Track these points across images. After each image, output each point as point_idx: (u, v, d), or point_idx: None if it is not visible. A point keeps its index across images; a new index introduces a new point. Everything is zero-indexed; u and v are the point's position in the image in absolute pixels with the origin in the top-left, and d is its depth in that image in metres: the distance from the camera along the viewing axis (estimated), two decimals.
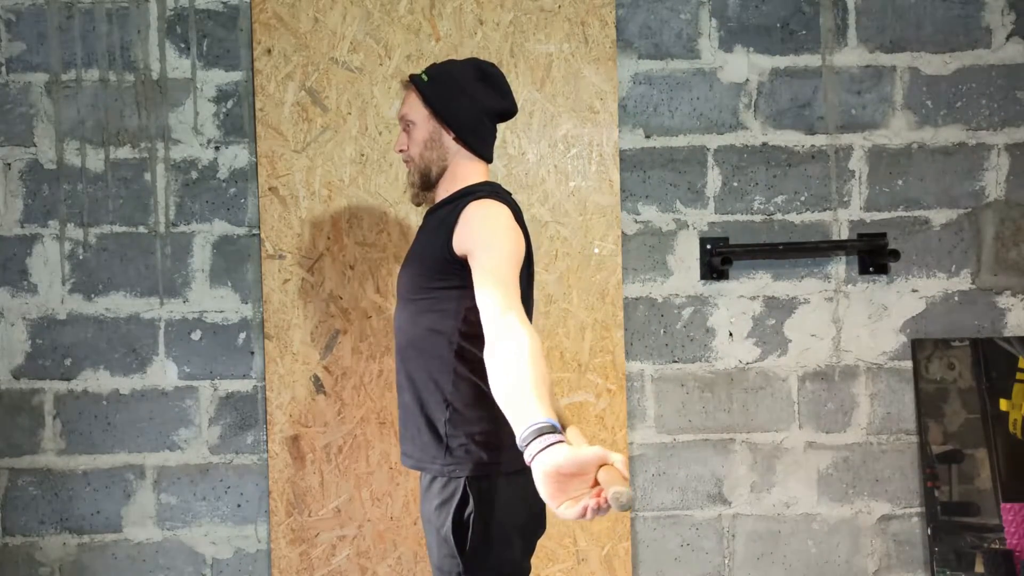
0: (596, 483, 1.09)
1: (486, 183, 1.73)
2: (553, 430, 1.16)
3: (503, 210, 1.62)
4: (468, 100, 1.69)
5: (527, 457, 1.16)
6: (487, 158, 1.76)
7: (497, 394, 1.30)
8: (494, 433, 1.61)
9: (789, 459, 2.45)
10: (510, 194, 1.77)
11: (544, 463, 1.10)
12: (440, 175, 1.74)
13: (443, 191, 1.74)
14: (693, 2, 2.44)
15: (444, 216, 1.67)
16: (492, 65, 1.75)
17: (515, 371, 1.27)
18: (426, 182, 1.75)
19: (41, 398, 2.42)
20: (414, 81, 1.74)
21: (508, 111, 1.76)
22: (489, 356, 1.34)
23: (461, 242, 1.59)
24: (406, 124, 1.75)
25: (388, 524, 2.38)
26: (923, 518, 2.45)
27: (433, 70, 1.74)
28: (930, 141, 2.45)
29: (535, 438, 1.15)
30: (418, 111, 1.72)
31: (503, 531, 1.60)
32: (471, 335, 1.61)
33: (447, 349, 1.61)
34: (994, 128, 2.45)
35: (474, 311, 1.57)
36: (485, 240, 1.55)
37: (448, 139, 1.71)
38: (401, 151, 1.77)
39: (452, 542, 1.58)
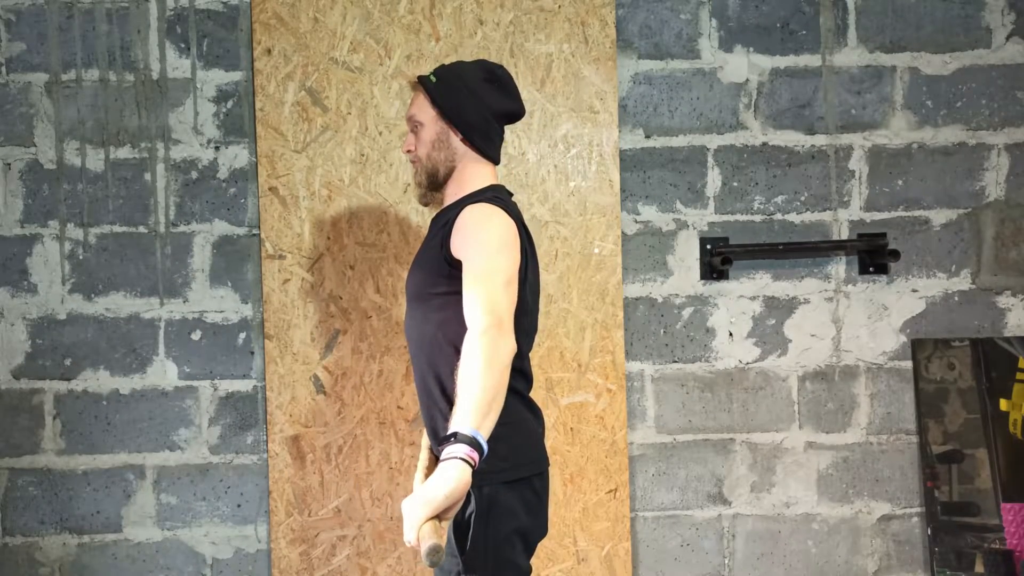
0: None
1: (490, 187, 1.74)
2: (475, 446, 1.35)
3: (498, 216, 1.62)
4: (476, 101, 1.70)
5: (443, 453, 1.35)
6: (495, 160, 1.77)
7: (459, 384, 1.43)
8: (498, 441, 1.58)
9: (789, 459, 2.45)
10: (511, 195, 1.77)
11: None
12: (448, 176, 1.74)
13: (451, 193, 1.75)
14: (693, 2, 2.44)
15: (445, 222, 1.68)
16: (500, 67, 1.76)
17: (478, 378, 1.40)
18: (433, 183, 1.75)
19: (41, 398, 2.42)
20: (422, 82, 1.74)
21: (516, 113, 1.77)
22: (466, 353, 1.45)
23: (455, 247, 1.61)
24: (414, 125, 1.75)
25: (388, 524, 2.37)
26: (923, 518, 2.45)
27: (441, 71, 1.74)
28: (930, 141, 2.45)
29: (453, 443, 1.35)
30: (426, 112, 1.73)
31: (504, 532, 1.60)
32: None
33: (453, 353, 1.61)
34: (994, 128, 2.45)
35: None
36: (475, 246, 1.57)
37: (456, 140, 1.72)
38: (408, 151, 1.78)
39: (452, 541, 1.59)
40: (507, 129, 2.34)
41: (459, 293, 1.57)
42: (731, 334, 2.45)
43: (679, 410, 2.44)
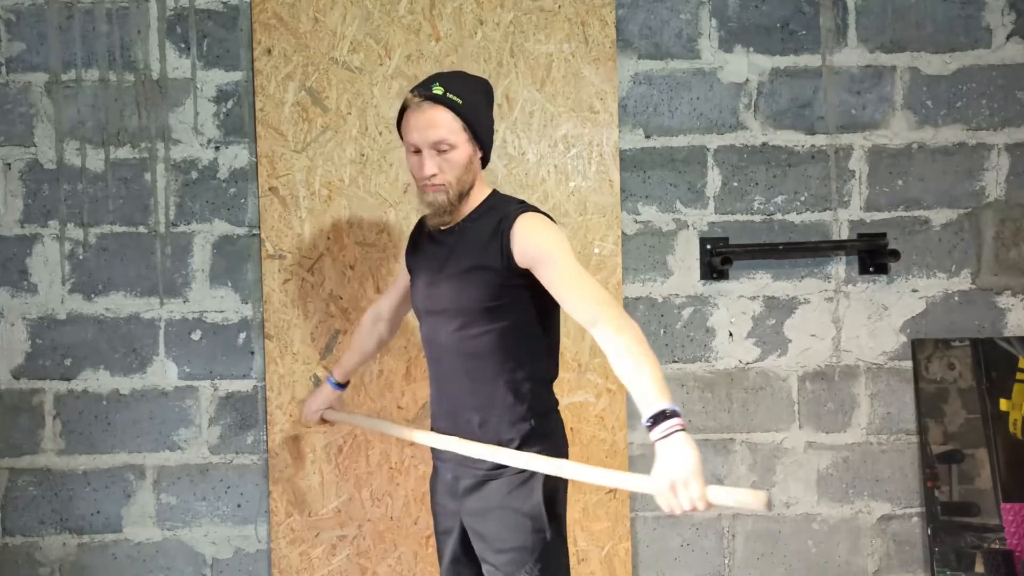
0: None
1: (512, 197, 1.77)
2: (675, 416, 1.45)
3: (550, 221, 1.68)
4: (487, 116, 1.72)
5: (658, 433, 1.43)
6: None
7: (627, 376, 1.49)
8: (552, 435, 1.73)
9: (789, 459, 2.45)
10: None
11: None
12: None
13: (463, 208, 1.71)
14: (693, 2, 2.44)
15: (490, 233, 1.65)
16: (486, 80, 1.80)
17: (642, 360, 1.49)
18: (456, 204, 1.68)
19: (41, 398, 2.42)
20: (446, 102, 1.63)
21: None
22: (614, 346, 1.50)
23: (525, 256, 1.62)
24: (444, 147, 1.63)
25: (388, 524, 2.37)
26: (923, 518, 2.45)
27: (456, 87, 1.65)
28: (930, 141, 2.45)
29: (663, 420, 1.43)
30: (457, 133, 1.63)
31: (563, 519, 1.72)
32: (537, 340, 1.72)
33: (525, 355, 1.69)
34: (994, 128, 2.45)
35: (543, 318, 1.71)
36: (554, 252, 1.60)
37: (476, 158, 1.70)
38: (432, 176, 1.64)
39: (544, 515, 1.64)
40: (507, 129, 2.37)
41: (520, 300, 1.65)
42: (731, 334, 2.45)
43: (679, 410, 2.44)
